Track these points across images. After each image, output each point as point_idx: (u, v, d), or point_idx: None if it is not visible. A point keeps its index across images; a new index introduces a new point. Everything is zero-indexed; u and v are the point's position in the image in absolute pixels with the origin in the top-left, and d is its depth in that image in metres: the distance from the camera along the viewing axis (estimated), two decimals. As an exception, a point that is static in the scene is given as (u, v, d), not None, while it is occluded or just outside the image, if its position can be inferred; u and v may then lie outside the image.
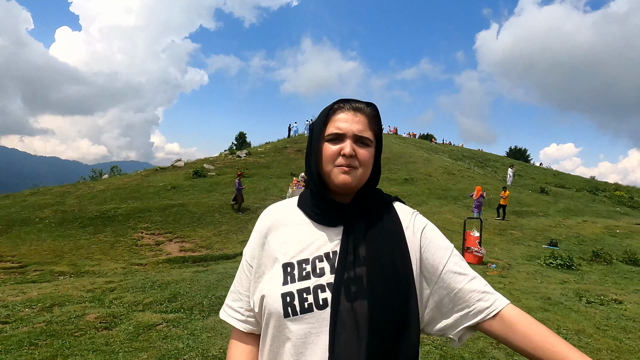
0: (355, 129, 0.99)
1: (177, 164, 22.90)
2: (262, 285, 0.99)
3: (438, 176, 24.26)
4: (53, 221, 12.55)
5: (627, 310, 5.53)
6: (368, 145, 1.01)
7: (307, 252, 0.98)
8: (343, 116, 1.01)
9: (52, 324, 4.23)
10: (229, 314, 1.08)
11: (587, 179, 36.38)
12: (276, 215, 1.07)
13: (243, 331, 1.06)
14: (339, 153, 0.98)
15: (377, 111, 1.06)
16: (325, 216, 1.02)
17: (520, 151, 57.42)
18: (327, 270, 0.95)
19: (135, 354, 3.58)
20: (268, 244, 1.03)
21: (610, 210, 22.14)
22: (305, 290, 0.93)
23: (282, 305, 0.92)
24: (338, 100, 1.05)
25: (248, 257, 1.06)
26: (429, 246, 1.01)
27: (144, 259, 9.54)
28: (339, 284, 0.92)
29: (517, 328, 0.90)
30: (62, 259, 9.34)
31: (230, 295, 1.10)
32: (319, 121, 1.04)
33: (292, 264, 0.97)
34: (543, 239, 12.43)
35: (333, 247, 0.98)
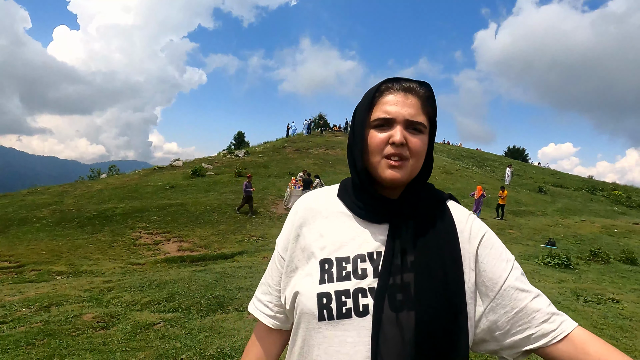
0: (406, 113, 0.85)
1: (176, 163, 22.88)
2: (295, 281, 0.90)
3: (436, 176, 24.29)
4: (51, 221, 12.52)
5: (624, 309, 5.55)
6: (421, 131, 0.88)
7: (348, 250, 0.87)
8: (392, 98, 0.87)
9: (50, 323, 4.22)
10: (257, 307, 1.00)
11: (585, 179, 36.45)
12: (312, 205, 0.96)
13: (270, 327, 0.98)
14: (387, 141, 0.85)
15: (432, 91, 0.91)
16: (369, 211, 0.90)
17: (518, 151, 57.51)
18: (370, 272, 0.84)
19: (132, 353, 3.58)
20: (303, 236, 0.92)
21: (608, 209, 22.21)
22: (345, 292, 0.82)
23: (317, 306, 0.82)
24: (386, 79, 0.91)
25: (280, 249, 0.97)
26: (487, 257, 0.88)
27: (142, 259, 9.53)
28: (384, 290, 0.81)
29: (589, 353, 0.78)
30: (60, 259, 9.32)
31: (260, 288, 1.02)
32: (363, 104, 0.90)
33: (330, 261, 0.86)
34: (541, 239, 12.46)
35: (377, 247, 0.87)
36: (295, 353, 0.89)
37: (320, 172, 20.45)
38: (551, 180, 30.94)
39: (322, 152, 27.15)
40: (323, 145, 28.98)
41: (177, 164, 22.69)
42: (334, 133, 36.53)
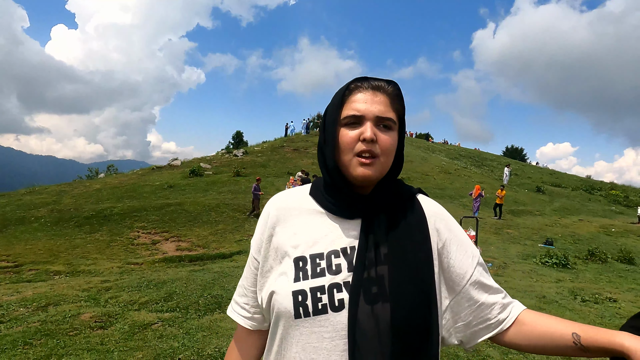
0: (375, 110, 0.87)
1: (174, 163, 22.86)
2: (271, 281, 0.90)
3: (435, 175, 24.32)
4: (49, 220, 12.50)
5: (621, 308, 5.57)
6: (391, 128, 0.89)
7: (321, 246, 0.88)
8: (361, 96, 0.88)
9: (47, 323, 4.22)
10: (234, 310, 1.01)
11: (583, 178, 36.54)
12: (285, 204, 0.96)
13: (248, 329, 0.99)
14: (358, 138, 0.86)
15: (400, 90, 0.93)
16: (341, 207, 0.91)
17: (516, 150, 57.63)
18: (344, 267, 0.85)
19: (130, 353, 3.58)
20: (276, 235, 0.92)
21: (606, 209, 22.27)
22: (320, 289, 0.83)
23: (292, 304, 0.83)
24: (355, 79, 0.93)
25: (254, 250, 0.96)
26: (456, 252, 0.92)
27: (140, 258, 9.52)
28: (358, 284, 0.82)
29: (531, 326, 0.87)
30: (58, 258, 9.31)
31: (237, 291, 1.02)
32: (333, 103, 0.92)
33: (304, 258, 0.87)
34: (539, 238, 12.48)
35: (350, 242, 0.88)
36: (274, 352, 0.89)
37: (319, 171, 20.42)
38: (549, 180, 31.00)
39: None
40: (321, 145, 28.96)
41: (175, 164, 22.66)
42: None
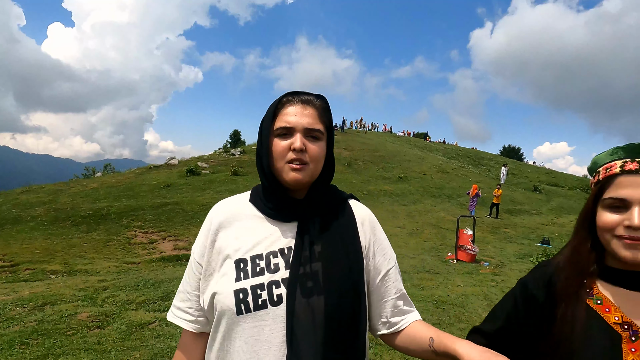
0: (305, 122, 0.96)
1: (171, 162, 22.81)
2: (213, 283, 0.96)
3: (432, 174, 24.36)
4: (45, 219, 12.45)
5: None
6: (319, 139, 0.98)
7: (261, 248, 0.96)
8: (292, 110, 0.97)
9: (44, 323, 4.20)
10: (176, 315, 1.04)
11: (580, 178, 36.70)
12: (227, 211, 1.04)
13: (193, 332, 1.03)
14: (289, 148, 0.95)
15: (327, 103, 1.03)
16: (278, 211, 1.00)
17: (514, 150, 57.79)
18: (282, 266, 0.94)
19: (127, 352, 3.57)
20: (219, 240, 0.99)
21: (602, 208, 22.35)
22: (259, 286, 0.91)
23: (234, 302, 0.90)
24: (286, 93, 1.02)
25: (197, 255, 1.01)
26: (377, 251, 1.04)
27: (137, 258, 9.49)
28: (295, 280, 0.91)
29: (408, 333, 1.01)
30: (55, 258, 9.27)
31: (178, 296, 1.06)
32: (267, 115, 1.00)
33: (244, 260, 0.94)
34: (536, 237, 12.54)
35: (287, 243, 0.97)
36: (215, 349, 0.95)
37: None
38: (546, 179, 31.12)
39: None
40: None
41: (172, 163, 22.62)
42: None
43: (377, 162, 25.85)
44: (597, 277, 0.92)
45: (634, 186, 0.84)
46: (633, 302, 0.86)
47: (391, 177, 22.67)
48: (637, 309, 0.86)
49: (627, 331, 0.84)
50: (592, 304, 0.89)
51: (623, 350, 0.83)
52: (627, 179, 0.86)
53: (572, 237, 1.00)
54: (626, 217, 0.84)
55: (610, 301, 0.88)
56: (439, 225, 13.86)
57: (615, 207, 0.86)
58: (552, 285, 0.93)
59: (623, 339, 0.84)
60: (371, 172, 23.35)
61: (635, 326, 0.84)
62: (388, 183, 21.22)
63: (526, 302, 0.95)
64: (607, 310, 0.87)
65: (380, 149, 29.42)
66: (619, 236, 0.84)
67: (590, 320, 0.87)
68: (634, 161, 0.87)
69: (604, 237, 0.88)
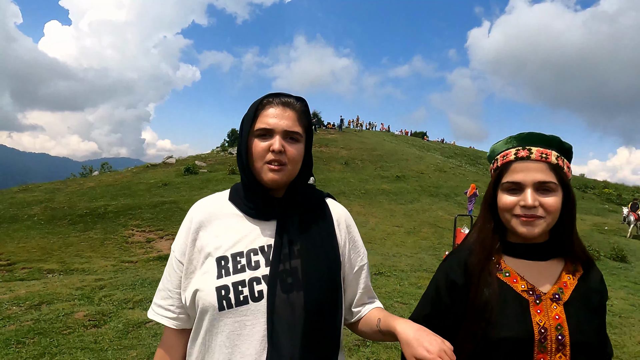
0: (284, 125, 0.99)
1: (169, 160, 22.75)
2: (195, 281, 0.98)
3: (430, 173, 24.39)
4: (42, 218, 12.41)
5: (613, 306, 5.62)
6: (297, 140, 1.02)
7: (241, 246, 0.99)
8: (272, 111, 1.00)
9: (40, 322, 4.19)
10: (158, 313, 1.05)
11: (577, 177, 36.79)
12: (207, 210, 1.06)
13: (175, 329, 1.04)
14: (268, 149, 0.98)
15: (307, 106, 1.06)
16: (258, 210, 1.03)
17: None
18: (262, 263, 0.97)
19: (124, 352, 3.56)
20: (199, 239, 1.01)
21: (599, 207, 22.46)
22: (241, 283, 0.94)
23: (216, 298, 0.92)
24: (267, 94, 1.04)
25: (178, 254, 1.03)
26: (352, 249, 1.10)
27: (134, 257, 9.47)
28: (275, 276, 0.94)
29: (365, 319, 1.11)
30: (51, 257, 9.24)
31: (158, 294, 1.07)
32: (248, 116, 1.03)
33: (225, 258, 0.97)
34: (533, 236, 12.58)
35: (267, 241, 1.00)
36: (198, 344, 0.98)
37: (314, 169, 20.38)
38: (543, 179, 31.14)
39: (315, 150, 27.14)
40: (317, 143, 28.97)
41: (170, 162, 22.56)
42: (328, 131, 36.52)
43: (375, 161, 25.85)
44: (502, 252, 1.06)
45: (525, 171, 0.98)
46: (533, 271, 1.02)
47: (389, 176, 22.68)
48: (537, 276, 1.02)
49: (532, 296, 0.99)
50: (501, 277, 1.02)
51: (531, 313, 0.97)
52: (520, 165, 0.99)
53: (478, 219, 1.11)
54: (521, 198, 0.97)
55: (516, 272, 1.02)
56: (436, 224, 13.88)
57: (512, 189, 0.99)
58: (467, 267, 1.04)
59: (530, 303, 0.98)
60: (369, 171, 23.35)
61: (537, 291, 1.00)
62: (386, 182, 21.22)
63: (448, 289, 1.05)
64: (514, 281, 1.01)
65: (378, 148, 29.43)
66: (516, 215, 0.98)
67: (503, 290, 1.00)
68: (525, 149, 1.00)
69: (505, 216, 1.01)
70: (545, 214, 0.97)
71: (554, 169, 0.98)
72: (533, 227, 0.96)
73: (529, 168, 0.98)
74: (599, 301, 1.04)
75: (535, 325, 0.96)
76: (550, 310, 0.97)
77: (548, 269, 1.03)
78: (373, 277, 6.24)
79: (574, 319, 0.97)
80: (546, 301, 0.98)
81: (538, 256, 1.04)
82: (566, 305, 0.98)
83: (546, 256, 1.04)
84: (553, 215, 0.98)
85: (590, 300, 1.01)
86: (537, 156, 0.99)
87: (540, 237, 1.01)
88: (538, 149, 1.00)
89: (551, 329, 0.95)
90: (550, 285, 1.01)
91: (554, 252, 1.05)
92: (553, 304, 0.98)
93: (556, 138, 1.03)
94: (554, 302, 0.98)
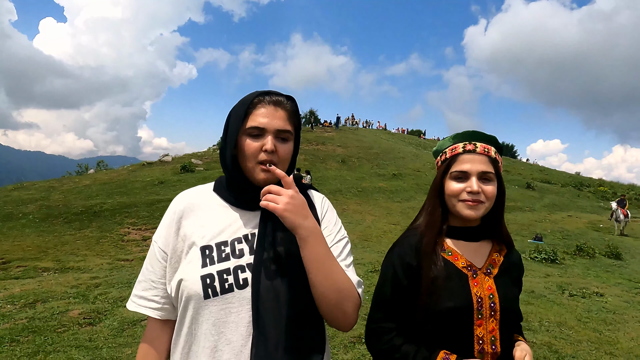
0: (276, 124, 1.00)
1: (165, 158, 22.69)
2: (180, 270, 0.99)
3: (426, 172, 24.42)
4: (37, 216, 12.35)
5: (607, 302, 5.66)
6: (288, 139, 1.04)
7: (226, 235, 1.00)
8: (264, 111, 1.01)
9: (35, 320, 4.17)
10: (140, 304, 1.05)
11: (573, 175, 36.96)
12: (191, 200, 1.07)
13: (159, 320, 1.05)
14: (261, 149, 0.99)
15: (297, 105, 1.09)
16: (242, 200, 1.04)
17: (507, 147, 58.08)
18: (247, 251, 0.99)
19: (119, 349, 3.55)
20: (183, 228, 1.02)
21: (594, 205, 22.56)
22: (226, 271, 0.95)
23: (202, 287, 0.93)
24: (258, 92, 1.05)
25: (161, 244, 1.03)
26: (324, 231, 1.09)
27: (130, 255, 9.44)
28: (259, 264, 0.96)
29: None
30: (47, 255, 9.20)
31: (139, 285, 1.06)
32: (237, 114, 1.02)
33: (210, 247, 0.98)
34: (528, 234, 12.62)
35: (251, 230, 1.02)
36: (184, 333, 0.98)
37: (311, 167, 20.42)
38: (539, 177, 31.31)
39: (312, 148, 27.12)
40: (314, 141, 28.96)
41: (166, 160, 22.50)
42: (324, 129, 36.49)
43: (371, 159, 25.87)
44: (446, 235, 1.21)
45: (471, 162, 1.14)
46: (471, 250, 1.20)
47: (385, 174, 22.71)
48: (474, 254, 1.20)
49: (470, 271, 1.16)
50: (445, 255, 1.18)
51: (470, 285, 1.13)
52: (467, 157, 1.16)
53: (425, 205, 1.26)
54: (468, 185, 1.13)
55: (457, 251, 1.19)
56: (432, 222, 13.92)
57: (459, 178, 1.15)
58: (419, 250, 1.17)
59: (469, 277, 1.15)
60: (365, 169, 23.37)
61: (474, 267, 1.17)
62: (382, 180, 21.25)
63: (405, 271, 1.16)
64: (456, 259, 1.17)
65: (374, 146, 29.45)
66: (463, 200, 1.13)
67: (447, 267, 1.15)
68: (471, 143, 1.17)
69: (452, 202, 1.17)
70: (486, 200, 1.13)
71: (493, 162, 1.16)
72: (476, 210, 1.13)
73: (475, 160, 1.14)
74: (518, 275, 1.25)
75: (474, 296, 1.12)
76: (484, 283, 1.15)
77: (481, 248, 1.22)
78: (369, 275, 6.25)
79: (502, 289, 1.15)
80: (481, 275, 1.16)
81: (473, 237, 1.21)
82: (496, 278, 1.16)
83: (479, 237, 1.22)
84: (491, 201, 1.15)
85: (512, 274, 1.22)
86: (481, 150, 1.16)
87: (475, 221, 1.19)
88: (482, 145, 1.17)
89: (485, 298, 1.12)
90: (483, 261, 1.19)
91: (485, 235, 1.23)
92: (486, 277, 1.16)
93: (494, 137, 1.21)
94: (486, 276, 1.16)
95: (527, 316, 4.77)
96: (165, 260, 1.02)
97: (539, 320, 4.67)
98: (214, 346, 0.93)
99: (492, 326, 1.11)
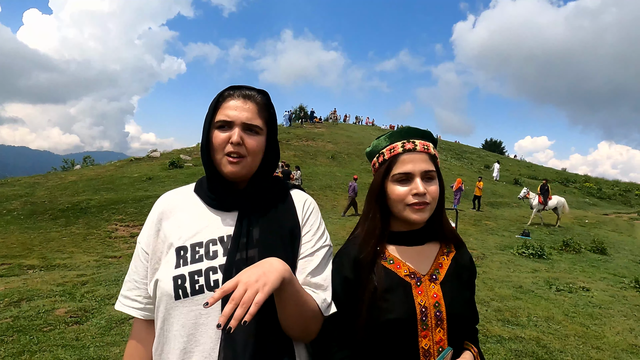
0: (244, 117, 1.00)
1: (153, 154, 22.42)
2: (158, 271, 1.00)
3: (416, 168, 24.55)
4: (22, 213, 12.12)
5: (593, 297, 5.75)
6: (258, 133, 1.03)
7: (201, 236, 1.00)
8: (233, 104, 1.01)
9: (20, 319, 4.09)
10: (124, 304, 1.06)
11: (559, 171, 37.52)
12: (171, 201, 1.08)
13: (143, 320, 1.05)
14: (228, 141, 0.99)
15: (269, 99, 1.07)
16: (220, 201, 1.04)
17: (495, 143, 58.64)
18: (220, 253, 0.98)
19: (106, 348, 3.50)
20: (163, 229, 1.03)
21: (580, 201, 22.93)
22: (197, 272, 0.95)
23: (172, 287, 0.93)
24: (229, 87, 1.05)
25: (143, 245, 1.04)
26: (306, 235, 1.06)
27: (117, 252, 9.32)
28: (231, 266, 0.95)
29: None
30: (32, 252, 9.03)
31: (125, 285, 1.07)
32: (209, 108, 1.04)
33: (185, 247, 0.99)
34: (516, 229, 12.77)
35: (227, 231, 1.01)
36: (157, 334, 0.99)
37: (301, 163, 20.38)
38: (527, 173, 31.73)
39: (302, 144, 27.06)
40: (303, 137, 28.89)
41: (154, 155, 22.23)
42: (314, 125, 36.42)
43: (361, 155, 25.87)
44: (388, 242, 1.13)
45: (413, 162, 1.07)
46: (413, 255, 1.12)
47: (375, 170, 22.75)
48: (417, 259, 1.12)
49: (413, 279, 1.08)
50: (386, 264, 1.10)
51: (413, 294, 1.06)
52: (408, 157, 1.07)
53: (364, 211, 1.17)
54: (413, 187, 1.05)
55: (399, 259, 1.11)
56: (422, 218, 14.00)
57: (402, 180, 1.07)
58: (356, 263, 1.09)
59: (412, 285, 1.07)
60: (355, 165, 23.39)
61: (418, 274, 1.09)
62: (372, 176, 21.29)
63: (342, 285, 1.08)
64: (398, 267, 1.10)
65: (364, 142, 29.47)
66: (409, 204, 1.05)
67: (388, 277, 1.08)
68: (410, 142, 1.09)
69: (397, 207, 1.08)
70: (431, 200, 1.07)
71: (433, 159, 1.10)
72: (423, 213, 1.06)
73: (416, 159, 1.07)
74: (468, 277, 1.16)
75: (417, 306, 1.04)
76: (429, 290, 1.07)
77: (425, 251, 1.14)
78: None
79: (449, 295, 1.07)
80: (425, 282, 1.08)
81: (417, 241, 1.14)
82: (442, 284, 1.09)
83: (423, 240, 1.15)
84: (435, 201, 1.09)
85: (461, 277, 1.14)
86: (421, 148, 1.09)
87: (420, 224, 1.11)
88: (421, 142, 1.10)
89: (430, 307, 1.05)
90: (428, 267, 1.11)
91: (429, 237, 1.16)
92: (431, 284, 1.08)
93: (429, 132, 1.15)
94: (432, 282, 1.08)
95: (516, 311, 4.82)
96: (147, 260, 1.03)
97: (527, 315, 4.72)
98: (184, 348, 0.93)
99: (440, 336, 1.04)
